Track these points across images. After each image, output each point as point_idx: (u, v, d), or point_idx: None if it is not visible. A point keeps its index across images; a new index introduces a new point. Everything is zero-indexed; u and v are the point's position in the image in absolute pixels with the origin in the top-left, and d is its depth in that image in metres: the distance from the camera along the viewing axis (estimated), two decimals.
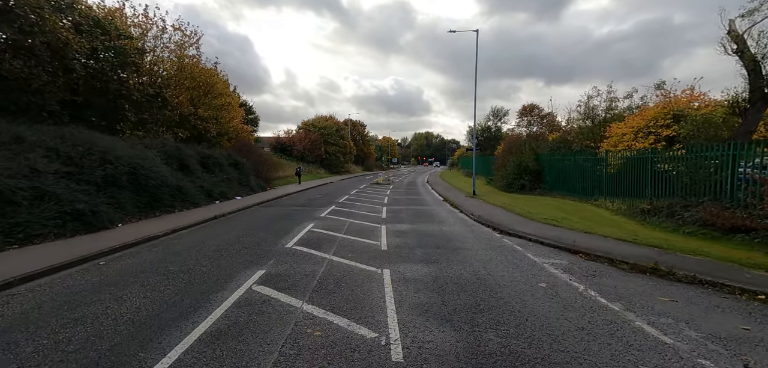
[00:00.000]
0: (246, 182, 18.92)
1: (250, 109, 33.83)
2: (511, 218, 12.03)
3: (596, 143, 16.94)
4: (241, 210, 13.64)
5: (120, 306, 4.81)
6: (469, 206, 15.98)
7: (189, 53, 18.21)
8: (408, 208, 16.04)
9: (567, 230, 9.67)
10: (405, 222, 12.26)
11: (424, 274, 6.44)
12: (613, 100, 18.13)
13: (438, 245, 8.75)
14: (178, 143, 13.95)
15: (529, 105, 40.82)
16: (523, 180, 19.28)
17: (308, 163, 43.10)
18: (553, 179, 18.24)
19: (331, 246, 8.54)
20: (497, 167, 23.71)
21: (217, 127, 20.02)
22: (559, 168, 17.59)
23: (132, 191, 10.07)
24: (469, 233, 10.37)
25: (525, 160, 19.54)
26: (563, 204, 14.41)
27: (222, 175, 16.36)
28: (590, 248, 7.63)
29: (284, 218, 12.50)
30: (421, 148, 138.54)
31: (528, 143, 21.09)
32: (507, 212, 13.39)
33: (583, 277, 6.27)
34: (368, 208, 15.79)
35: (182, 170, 13.44)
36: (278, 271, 6.47)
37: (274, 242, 8.83)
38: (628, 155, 13.01)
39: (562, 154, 17.78)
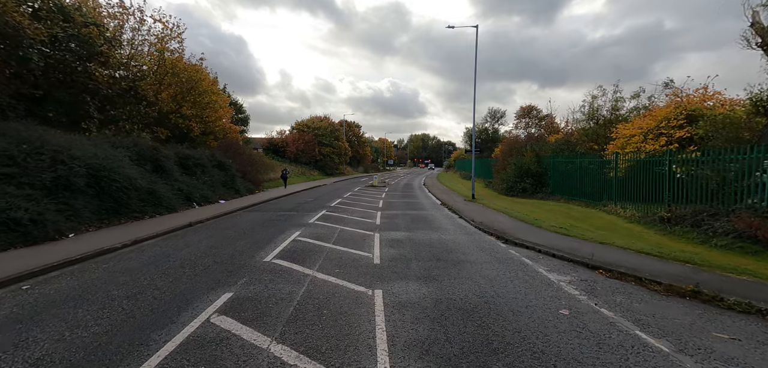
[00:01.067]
0: (232, 184, 17.79)
1: (240, 108, 32.69)
2: (515, 226, 11.07)
3: (601, 145, 16.10)
4: (221, 216, 12.53)
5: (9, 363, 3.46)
6: (469, 211, 15.01)
7: (171, 47, 17.07)
8: (404, 213, 15.04)
9: (579, 240, 8.72)
10: (401, 229, 11.25)
11: (422, 296, 5.43)
12: (618, 100, 17.34)
13: (437, 257, 7.75)
14: (154, 143, 12.83)
15: (527, 106, 40.11)
16: (525, 183, 18.37)
17: (302, 164, 41.97)
18: (556, 182, 17.36)
19: (316, 259, 7.50)
20: (497, 170, 22.82)
21: (201, 126, 18.87)
22: (563, 171, 16.71)
23: (91, 195, 8.92)
24: (471, 242, 9.38)
25: (527, 162, 18.63)
26: (570, 210, 13.49)
27: (204, 177, 15.24)
28: (611, 263, 6.67)
29: (268, 225, 11.42)
30: (418, 150, 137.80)
31: (529, 145, 20.23)
32: (510, 219, 12.43)
33: (610, 301, 5.29)
34: (362, 213, 14.76)
35: (157, 171, 12.30)
36: (248, 294, 5.42)
37: (251, 254, 7.76)
38: (640, 157, 12.13)
39: (566, 156, 16.89)
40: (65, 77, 11.24)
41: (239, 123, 33.73)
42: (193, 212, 12.25)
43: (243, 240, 9.19)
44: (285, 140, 44.52)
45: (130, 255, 7.44)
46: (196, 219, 10.98)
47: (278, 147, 43.13)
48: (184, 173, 14.20)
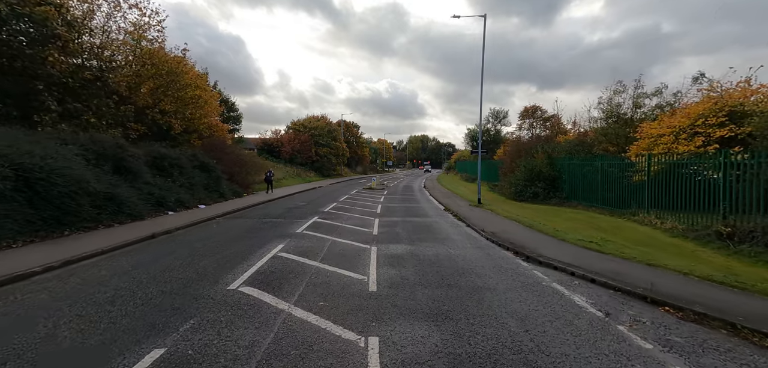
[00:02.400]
0: (216, 187, 16.21)
1: (231, 105, 31.14)
2: (534, 237, 9.53)
3: (622, 146, 14.61)
4: (195, 224, 10.94)
5: None
6: (476, 218, 13.47)
7: (149, 36, 15.51)
8: (405, 220, 13.49)
9: (618, 259, 7.18)
10: (402, 241, 9.71)
11: (434, 349, 3.90)
12: (640, 97, 15.73)
13: (448, 282, 6.22)
14: (119, 140, 11.27)
15: (532, 107, 38.69)
16: (536, 188, 16.85)
17: (297, 165, 40.40)
18: (572, 187, 15.81)
19: (297, 285, 5.95)
20: (504, 173, 21.30)
21: (183, 123, 17.29)
22: (580, 175, 15.16)
23: (21, 203, 7.32)
24: (486, 259, 7.85)
25: (538, 165, 17.11)
26: (593, 219, 11.94)
27: (182, 179, 13.66)
28: (678, 297, 5.13)
29: (248, 236, 9.86)
30: (417, 151, 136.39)
31: (541, 146, 18.73)
32: (525, 228, 10.90)
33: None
34: (358, 220, 13.21)
35: (120, 173, 10.72)
36: (188, 350, 3.85)
37: (214, 279, 6.19)
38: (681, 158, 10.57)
39: (584, 158, 15.33)
40: (10, 62, 9.68)
41: (231, 121, 32.16)
42: (162, 221, 10.67)
43: (210, 258, 7.61)
44: (280, 140, 42.94)
45: (46, 285, 5.72)
46: (163, 229, 9.40)
47: (273, 147, 41.54)
48: (157, 175, 12.61)
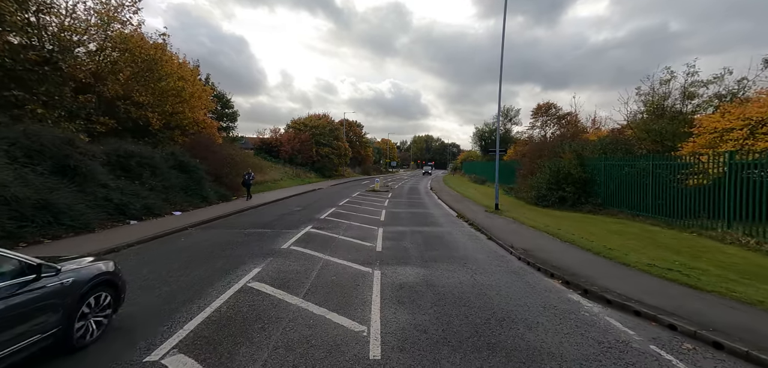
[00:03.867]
0: (198, 190, 14.27)
1: (226, 102, 29.26)
2: (583, 260, 7.45)
3: (670, 143, 12.43)
4: (158, 237, 8.95)
5: None
6: (498, 229, 11.40)
7: (122, 18, 13.62)
8: (413, 231, 11.46)
9: (737, 303, 5.03)
10: (411, 261, 7.69)
11: None
12: (694, 85, 13.42)
13: (487, 338, 4.22)
14: (70, 135, 9.34)
15: (545, 104, 36.34)
16: (564, 192, 14.70)
17: (297, 166, 38.46)
18: (610, 191, 13.57)
19: (260, 347, 3.95)
20: (522, 175, 19.16)
21: (163, 117, 15.38)
22: (619, 177, 12.91)
23: None
24: (528, 293, 5.79)
25: (566, 166, 14.94)
26: (647, 232, 9.69)
27: (154, 181, 11.72)
28: None
29: (219, 254, 7.87)
30: (421, 151, 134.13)
31: (568, 144, 16.56)
32: (566, 246, 8.81)
33: None
34: (358, 231, 11.20)
35: (65, 174, 8.77)
36: None
37: (130, 341, 4.18)
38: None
39: (622, 158, 13.10)
40: None
41: (226, 119, 30.28)
42: (116, 233, 8.70)
43: (148, 293, 5.60)
44: (279, 139, 41.00)
45: None
46: (109, 246, 7.41)
47: (272, 147, 39.64)
48: (122, 177, 10.69)
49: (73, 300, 3.58)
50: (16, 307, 3.03)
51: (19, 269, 3.21)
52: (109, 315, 4.13)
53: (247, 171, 17.46)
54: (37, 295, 3.23)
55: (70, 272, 3.66)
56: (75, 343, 3.62)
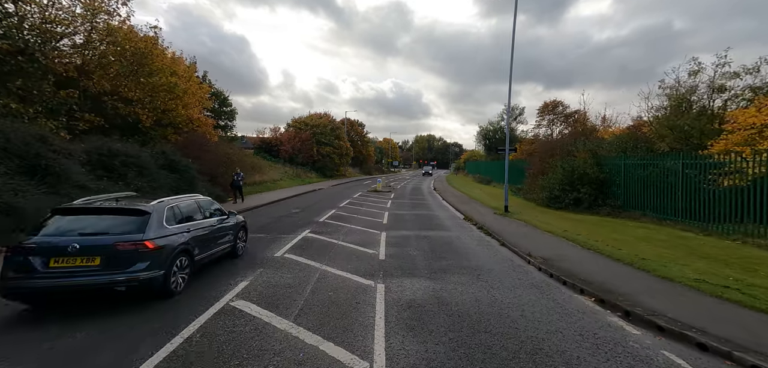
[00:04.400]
0: (189, 191, 13.42)
1: (224, 100, 28.46)
2: (614, 272, 6.58)
3: (697, 141, 11.47)
4: None
5: None
6: (511, 234, 10.53)
7: (110, 8, 12.82)
8: (419, 235, 10.61)
9: None
10: (419, 272, 6.84)
11: None
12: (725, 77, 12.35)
13: None
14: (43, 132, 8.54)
15: (552, 102, 35.30)
16: (579, 193, 13.76)
17: (297, 166, 37.66)
18: (631, 193, 12.79)
19: None
20: (532, 174, 18.24)
21: (154, 114, 14.58)
22: (640, 177, 11.97)
23: None
24: (558, 314, 4.94)
25: (580, 165, 14.01)
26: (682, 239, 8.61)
27: (141, 182, 10.91)
28: None
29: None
30: (423, 151, 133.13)
31: (582, 143, 15.62)
32: (591, 254, 7.93)
33: None
34: (360, 236, 10.37)
35: (34, 173, 7.95)
36: None
37: None
38: None
39: (644, 157, 12.12)
40: None
41: (224, 117, 29.49)
42: None
43: (106, 322, 4.78)
44: (279, 138, 40.21)
45: None
46: None
47: (271, 146, 38.86)
48: (104, 177, 9.89)
49: (235, 232, 7.37)
50: (221, 230, 6.73)
51: (220, 212, 7.07)
52: (246, 243, 8.09)
53: (235, 171, 16.01)
54: (226, 226, 6.99)
55: (234, 218, 7.49)
56: (237, 253, 7.48)
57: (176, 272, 5.32)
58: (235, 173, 15.90)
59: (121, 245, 4.73)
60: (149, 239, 4.94)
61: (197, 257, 5.89)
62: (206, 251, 6.23)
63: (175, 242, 5.35)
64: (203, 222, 6.36)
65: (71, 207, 5.16)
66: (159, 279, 4.94)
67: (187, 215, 6.07)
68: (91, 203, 5.32)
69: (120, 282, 4.60)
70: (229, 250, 7.05)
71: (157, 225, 5.18)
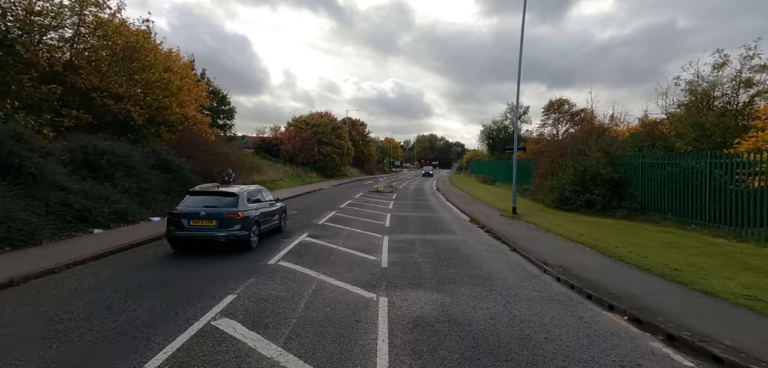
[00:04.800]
0: (182, 192, 12.79)
1: (222, 98, 27.86)
2: (640, 282, 5.91)
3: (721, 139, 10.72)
4: (118, 251, 7.47)
5: None
6: (522, 238, 9.87)
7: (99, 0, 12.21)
8: (423, 239, 9.96)
9: None
10: (425, 282, 6.21)
11: None
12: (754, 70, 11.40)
13: None
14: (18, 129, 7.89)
15: (557, 100, 34.41)
16: (592, 195, 13.04)
17: (298, 165, 37.07)
18: (647, 194, 12.08)
19: None
20: (540, 175, 17.51)
21: (146, 111, 13.98)
22: (659, 178, 11.25)
23: None
24: (586, 336, 4.29)
25: (594, 165, 13.29)
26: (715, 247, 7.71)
27: (129, 182, 10.31)
28: None
29: (184, 274, 6.41)
30: (425, 151, 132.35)
31: (594, 141, 14.86)
32: (611, 261, 7.26)
33: None
34: (360, 240, 9.73)
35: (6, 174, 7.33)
36: None
37: None
38: None
39: (663, 156, 11.35)
40: None
41: (223, 116, 28.92)
42: (67, 248, 7.23)
43: (63, 345, 4.16)
44: (279, 138, 39.61)
45: None
46: (45, 267, 5.92)
47: (271, 146, 38.28)
48: (89, 178, 9.30)
49: (280, 214, 9.67)
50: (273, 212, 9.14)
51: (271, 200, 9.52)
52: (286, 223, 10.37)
53: (226, 171, 14.90)
54: (276, 209, 9.46)
55: (279, 204, 9.76)
56: (282, 229, 9.76)
57: (252, 235, 8.04)
58: (225, 174, 14.85)
59: (227, 213, 7.60)
60: (241, 211, 7.80)
61: (262, 227, 8.70)
62: (266, 224, 9.00)
63: (252, 215, 8.16)
64: (263, 205, 9.15)
65: (196, 190, 8.43)
66: (245, 237, 7.77)
67: (255, 199, 8.85)
68: (205, 189, 8.54)
69: (225, 236, 7.48)
70: (276, 226, 9.83)
71: (242, 203, 8.00)
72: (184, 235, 7.44)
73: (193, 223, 7.44)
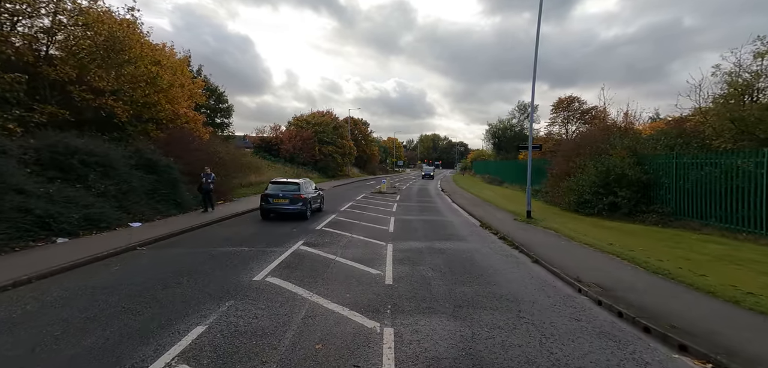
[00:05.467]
0: (169, 194, 11.85)
1: (220, 96, 26.87)
2: (709, 310, 4.85)
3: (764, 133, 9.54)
4: (80, 266, 6.41)
5: None
6: (541, 246, 8.78)
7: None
8: (432, 249, 8.88)
9: None
10: (438, 308, 5.14)
11: None
12: None
13: None
14: None
15: (567, 98, 33.22)
16: (617, 197, 11.85)
17: (298, 165, 36.06)
18: (683, 197, 10.97)
19: None
20: (554, 175, 16.32)
21: (132, 108, 12.97)
22: (697, 180, 10.22)
23: None
24: None
25: (618, 165, 12.09)
26: None
27: (107, 183, 9.29)
28: None
29: (149, 297, 5.36)
30: (428, 150, 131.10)
31: (618, 139, 13.65)
32: (661, 280, 6.17)
33: None
34: (361, 249, 8.66)
35: None
36: None
37: None
38: None
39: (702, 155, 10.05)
40: None
41: (220, 114, 27.96)
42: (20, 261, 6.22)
43: None
44: (279, 137, 38.61)
45: None
46: None
47: (271, 146, 37.30)
48: (58, 180, 8.30)
49: (321, 198, 14.77)
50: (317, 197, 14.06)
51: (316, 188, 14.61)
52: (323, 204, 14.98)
53: (204, 171, 12.54)
54: (319, 195, 14.40)
55: (320, 192, 14.89)
56: (322, 209, 14.57)
57: (308, 210, 12.46)
58: (203, 174, 12.48)
59: (294, 195, 12.12)
60: (303, 193, 12.34)
61: (312, 206, 13.05)
62: (314, 204, 13.44)
63: (308, 196, 12.70)
64: (312, 191, 13.66)
65: (275, 181, 13.04)
66: (304, 210, 12.21)
67: (308, 188, 13.33)
68: (279, 180, 13.29)
69: (293, 210, 12.01)
70: (318, 207, 14.16)
71: (303, 189, 12.55)
72: (269, 207, 12.19)
73: (274, 201, 12.17)
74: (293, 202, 12.00)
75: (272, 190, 12.29)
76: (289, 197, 12.01)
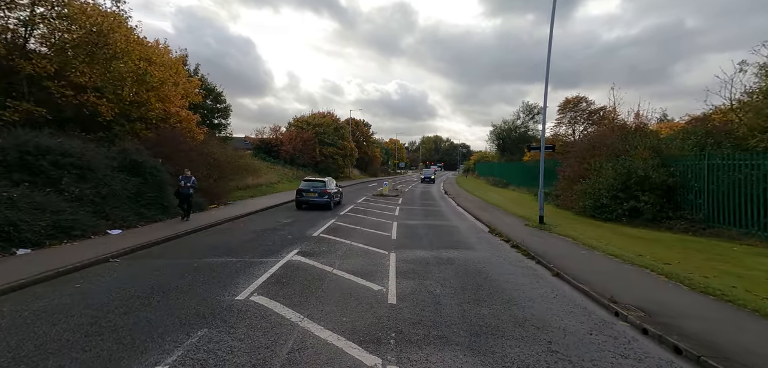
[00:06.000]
0: (156, 198, 11.00)
1: (217, 95, 26.08)
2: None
3: None
4: (35, 283, 5.63)
5: None
6: (560, 257, 7.90)
7: None
8: (439, 259, 8.00)
9: None
10: (452, 337, 4.30)
11: None
12: None
13: None
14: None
15: (575, 98, 32.23)
16: (639, 202, 10.91)
17: (298, 167, 35.24)
18: (718, 203, 10.04)
19: None
20: (567, 178, 15.35)
21: (118, 106, 12.17)
22: (734, 184, 9.37)
23: None
24: None
25: (640, 167, 11.13)
26: None
27: (83, 187, 8.45)
28: None
29: (111, 322, 4.51)
30: (430, 152, 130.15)
31: (640, 138, 12.69)
32: (711, 301, 5.31)
33: None
34: (361, 260, 7.79)
35: None
36: None
37: None
38: None
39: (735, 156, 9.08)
40: None
41: (217, 115, 27.17)
42: None
43: None
44: (279, 138, 37.78)
45: None
46: None
47: (271, 147, 36.45)
48: (25, 183, 7.45)
49: (340, 193, 18.27)
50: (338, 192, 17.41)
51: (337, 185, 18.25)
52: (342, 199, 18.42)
53: (183, 174, 11.05)
54: (339, 190, 17.89)
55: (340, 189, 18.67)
56: (342, 202, 18.15)
57: (331, 202, 15.70)
58: (181, 177, 11.04)
59: (322, 190, 15.45)
60: (328, 189, 15.64)
61: (334, 199, 16.20)
62: (335, 198, 16.42)
63: (332, 191, 16.04)
64: (334, 187, 16.63)
65: (306, 179, 16.75)
66: (330, 203, 15.57)
67: (331, 183, 16.49)
68: (309, 179, 16.91)
69: (320, 201, 15.33)
70: (338, 201, 17.26)
71: (328, 185, 15.83)
72: (302, 199, 15.29)
73: (306, 194, 15.27)
74: (320, 195, 15.25)
75: (304, 186, 15.65)
76: (317, 191, 15.30)
